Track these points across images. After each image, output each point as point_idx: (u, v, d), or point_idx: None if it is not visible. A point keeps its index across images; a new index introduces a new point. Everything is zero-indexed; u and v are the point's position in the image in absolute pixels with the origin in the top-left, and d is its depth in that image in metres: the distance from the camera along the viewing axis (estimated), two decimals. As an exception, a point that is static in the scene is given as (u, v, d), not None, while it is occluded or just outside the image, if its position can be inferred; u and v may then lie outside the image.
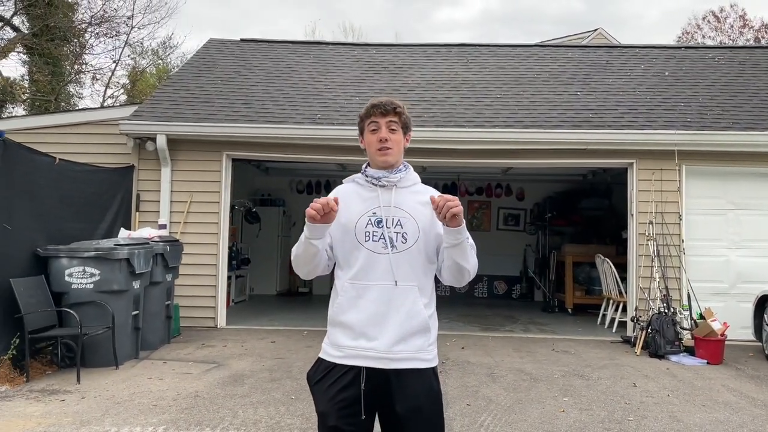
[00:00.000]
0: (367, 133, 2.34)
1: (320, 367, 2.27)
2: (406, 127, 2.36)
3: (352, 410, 2.17)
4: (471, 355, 6.95)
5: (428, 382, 2.23)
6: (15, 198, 5.93)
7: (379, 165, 2.31)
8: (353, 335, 2.21)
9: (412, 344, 2.20)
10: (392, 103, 2.32)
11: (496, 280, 13.61)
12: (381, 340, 2.18)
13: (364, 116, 2.35)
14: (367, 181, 2.33)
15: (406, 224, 2.24)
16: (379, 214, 2.26)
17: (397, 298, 2.19)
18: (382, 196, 2.29)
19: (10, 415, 4.64)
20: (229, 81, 9.59)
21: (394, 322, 2.19)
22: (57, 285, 6.18)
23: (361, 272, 2.21)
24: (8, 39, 19.16)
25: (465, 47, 11.40)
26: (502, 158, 8.39)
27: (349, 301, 2.23)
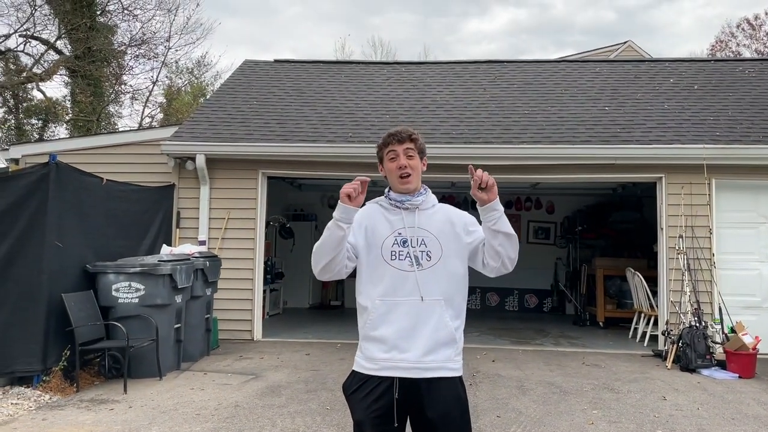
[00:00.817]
0: (387, 161, 2.52)
1: (355, 378, 2.45)
2: (422, 152, 2.56)
3: (386, 418, 2.36)
4: (501, 368, 7.07)
5: (456, 390, 2.42)
6: (66, 217, 6.28)
7: (401, 191, 2.50)
8: (386, 348, 2.38)
9: (440, 354, 2.38)
10: (408, 131, 2.53)
11: (527, 293, 13.65)
12: (412, 352, 2.35)
13: (382, 145, 2.54)
14: (391, 204, 2.52)
15: (429, 243, 2.44)
16: (404, 234, 2.45)
17: (425, 312, 2.38)
18: (407, 218, 2.48)
19: (63, 423, 4.93)
20: (263, 101, 9.93)
21: (423, 334, 2.36)
22: (105, 299, 6.51)
23: (390, 289, 2.39)
24: (52, 61, 19.97)
25: (492, 64, 11.58)
26: (530, 173, 8.52)
27: (380, 317, 2.40)
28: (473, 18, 49.89)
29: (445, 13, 48.78)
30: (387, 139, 2.53)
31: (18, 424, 4.90)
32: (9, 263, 5.93)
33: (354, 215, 2.36)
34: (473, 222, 2.54)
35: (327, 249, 2.37)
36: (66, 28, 18.84)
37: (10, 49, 18.76)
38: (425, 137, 8.55)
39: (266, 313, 10.66)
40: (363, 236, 2.48)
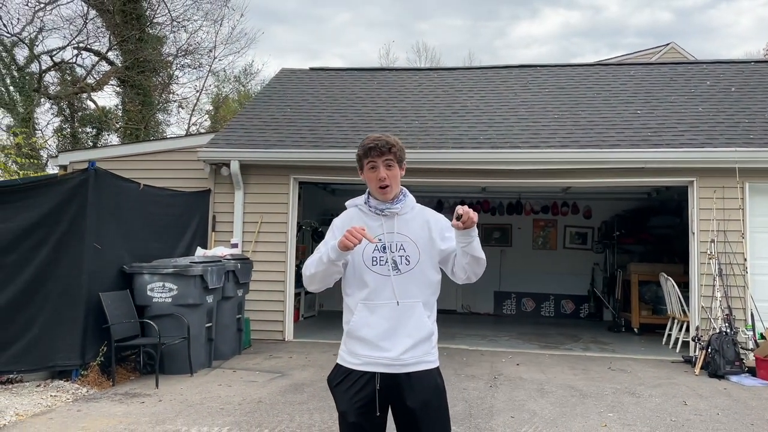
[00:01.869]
0: (367, 171, 2.63)
1: (339, 371, 2.60)
2: (401, 160, 2.65)
3: (368, 408, 2.51)
4: (524, 372, 7.10)
5: (433, 380, 2.57)
6: (105, 220, 6.64)
7: (380, 199, 2.63)
8: (370, 347, 2.53)
9: (419, 350, 2.54)
10: (387, 143, 2.61)
11: (563, 299, 13.54)
12: (393, 351, 2.51)
13: (362, 156, 2.63)
14: (371, 210, 2.64)
15: (408, 248, 2.57)
16: (384, 240, 2.57)
17: (405, 313, 2.53)
18: (386, 224, 2.60)
19: (97, 415, 5.24)
20: (297, 108, 10.21)
21: (403, 334, 2.52)
22: (140, 299, 6.85)
23: (372, 293, 2.54)
24: (104, 72, 20.84)
25: (525, 68, 11.59)
26: (558, 178, 8.51)
27: (363, 319, 2.55)
28: (523, 21, 49.49)
29: (495, 17, 48.54)
30: (367, 152, 2.60)
31: (54, 414, 5.23)
32: (52, 264, 6.31)
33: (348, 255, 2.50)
34: (449, 227, 2.61)
35: (322, 278, 2.56)
36: (117, 40, 19.64)
37: (64, 60, 19.66)
38: (453, 142, 8.73)
39: (300, 315, 10.92)
40: None
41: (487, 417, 5.23)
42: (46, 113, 20.94)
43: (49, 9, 18.86)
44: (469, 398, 5.84)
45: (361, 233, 2.38)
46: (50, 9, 18.95)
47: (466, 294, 13.59)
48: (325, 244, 2.61)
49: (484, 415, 5.27)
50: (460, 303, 13.65)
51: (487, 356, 8.05)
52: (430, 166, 8.42)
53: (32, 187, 6.42)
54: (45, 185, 6.46)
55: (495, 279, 13.59)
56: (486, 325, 11.33)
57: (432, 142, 8.73)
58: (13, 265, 6.27)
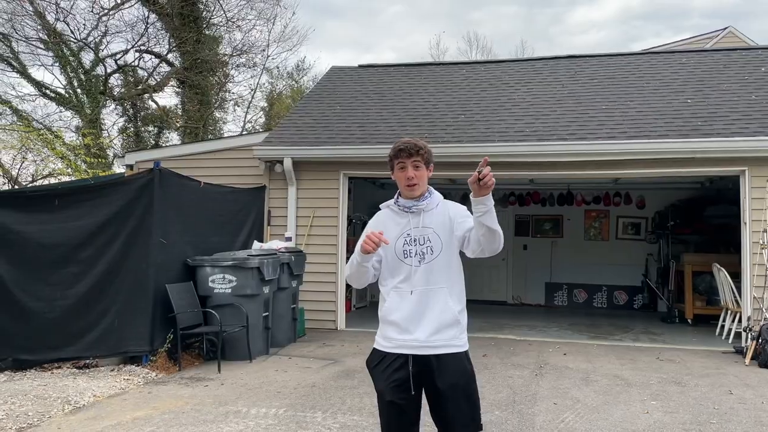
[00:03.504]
0: (397, 171, 2.90)
1: (375, 355, 2.88)
2: (428, 162, 2.91)
3: (403, 387, 2.76)
4: (571, 361, 7.23)
5: (462, 364, 2.80)
6: (169, 217, 7.11)
7: (408, 196, 2.90)
8: (399, 330, 2.79)
9: (446, 334, 2.78)
10: (416, 146, 2.87)
11: (616, 290, 13.44)
12: (420, 333, 2.75)
13: (393, 157, 2.90)
14: (400, 209, 2.92)
15: (432, 239, 2.84)
16: (412, 234, 2.86)
17: (432, 299, 2.78)
18: (413, 220, 2.88)
19: (165, 396, 5.69)
20: (347, 106, 10.52)
21: (430, 318, 2.77)
22: (202, 289, 7.31)
23: (403, 282, 2.82)
24: (164, 73, 21.73)
25: (574, 59, 11.56)
26: (605, 169, 8.54)
27: (394, 305, 2.82)
28: (581, 6, 48.26)
29: (551, 2, 47.55)
30: (397, 153, 2.88)
31: (127, 395, 5.71)
32: (122, 258, 6.83)
33: (374, 256, 2.78)
34: (464, 213, 2.86)
35: (357, 277, 2.87)
36: (175, 42, 20.44)
37: (126, 63, 20.58)
38: (499, 135, 8.83)
39: (352, 305, 11.28)
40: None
41: (530, 403, 5.42)
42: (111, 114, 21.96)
43: (113, 14, 19.77)
44: (514, 385, 6.03)
45: (378, 237, 2.65)
46: (113, 14, 19.87)
47: (516, 285, 13.69)
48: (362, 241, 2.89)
49: (527, 402, 5.46)
50: (510, 294, 13.75)
51: (535, 346, 8.19)
52: (477, 159, 8.50)
53: (103, 187, 6.96)
54: (115, 185, 6.99)
55: (546, 270, 13.63)
56: (536, 316, 11.42)
57: (478, 136, 8.89)
58: (88, 259, 6.83)
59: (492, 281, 13.76)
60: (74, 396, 5.58)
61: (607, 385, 6.10)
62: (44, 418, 5.01)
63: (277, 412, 5.15)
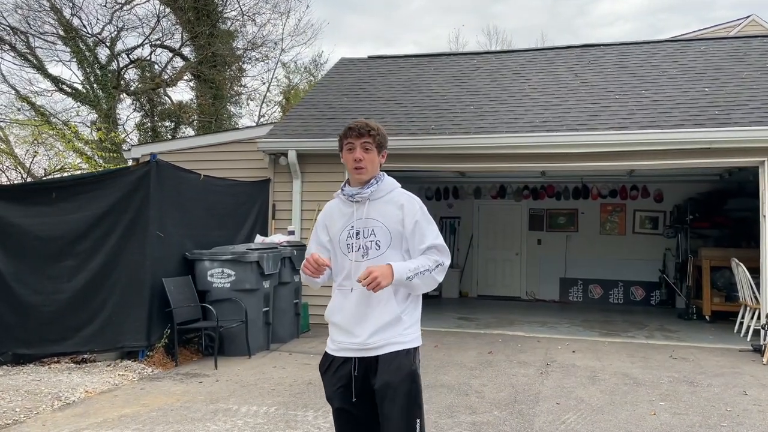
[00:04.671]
0: (345, 152, 2.66)
1: (325, 359, 2.71)
2: (381, 146, 2.66)
3: (347, 393, 2.60)
4: (579, 359, 6.98)
5: (399, 360, 2.55)
6: (167, 209, 6.99)
7: (355, 181, 2.67)
8: (342, 332, 2.63)
9: (386, 333, 2.56)
10: (367, 126, 2.63)
11: (632, 285, 13.10)
12: (360, 336, 2.57)
13: (342, 136, 2.67)
14: (345, 198, 2.69)
15: (378, 232, 2.59)
16: (356, 227, 2.62)
17: (374, 299, 2.55)
18: (357, 210, 2.64)
19: (157, 393, 5.56)
20: (354, 97, 10.33)
21: (371, 318, 2.56)
22: (201, 284, 7.19)
23: (346, 279, 2.62)
24: (178, 68, 21.73)
25: (587, 48, 11.24)
26: (618, 161, 8.24)
27: (336, 305, 2.67)
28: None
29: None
30: (346, 132, 2.65)
31: (119, 392, 5.60)
32: (119, 251, 6.72)
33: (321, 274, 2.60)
34: (419, 230, 2.60)
35: (313, 285, 2.74)
36: (189, 35, 20.41)
37: (140, 58, 20.61)
38: (508, 126, 8.59)
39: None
40: (326, 234, 2.72)
41: (531, 403, 5.20)
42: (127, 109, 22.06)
43: (127, 9, 19.79)
44: (517, 384, 5.81)
45: (317, 262, 2.49)
46: (128, 9, 19.89)
47: (530, 280, 13.41)
48: (312, 241, 2.77)
49: (528, 401, 5.25)
50: (524, 290, 13.47)
51: (543, 343, 7.95)
52: (484, 151, 8.36)
53: (99, 180, 6.86)
54: (111, 177, 6.88)
55: (560, 265, 13.33)
56: (549, 312, 11.16)
57: (486, 127, 8.64)
58: (85, 252, 6.74)
59: (505, 276, 13.51)
60: (66, 392, 5.49)
61: (615, 384, 5.85)
62: (31, 414, 4.91)
63: (269, 410, 5.00)
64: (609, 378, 6.08)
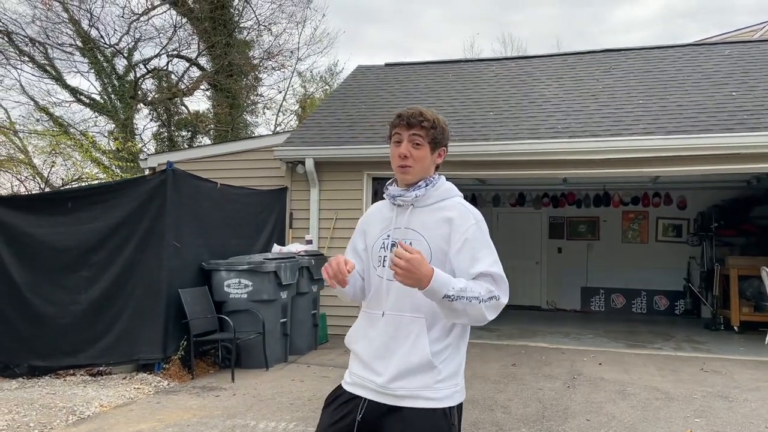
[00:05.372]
0: (392, 145, 2.18)
1: (335, 391, 2.23)
2: (437, 142, 2.16)
3: None
4: (606, 372, 6.75)
5: (430, 424, 2.02)
6: (183, 219, 6.87)
7: (400, 181, 2.19)
8: (361, 364, 2.14)
9: (413, 381, 2.04)
10: (421, 114, 2.12)
11: (656, 295, 12.82)
12: (383, 375, 2.06)
13: (391, 125, 2.20)
14: (388, 199, 2.22)
15: (417, 247, 2.03)
16: (392, 237, 2.13)
17: (402, 330, 2.05)
18: (398, 217, 2.16)
19: (173, 407, 5.43)
20: (371, 105, 10.21)
21: (397, 356, 2.05)
22: (218, 294, 7.06)
23: (373, 300, 2.14)
24: (195, 77, 21.78)
25: (609, 53, 11.04)
26: (643, 167, 8.02)
27: (359, 330, 2.18)
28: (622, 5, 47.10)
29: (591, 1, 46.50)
30: (395, 120, 2.16)
31: (135, 406, 5.47)
32: (135, 261, 6.61)
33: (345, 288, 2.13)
34: (467, 243, 2.08)
35: (343, 297, 2.25)
36: (205, 45, 20.46)
37: (156, 68, 20.69)
38: (529, 132, 8.41)
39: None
40: (363, 241, 2.28)
41: (560, 419, 5.00)
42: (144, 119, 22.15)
43: (144, 20, 19.88)
44: (544, 399, 5.61)
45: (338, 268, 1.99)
46: (145, 20, 19.98)
47: (551, 290, 13.17)
48: (348, 247, 2.32)
49: (557, 417, 5.04)
50: (544, 299, 13.23)
51: (568, 355, 7.73)
52: (505, 158, 8.18)
53: (115, 189, 6.77)
54: (127, 187, 6.79)
55: (582, 274, 13.08)
56: (571, 323, 10.92)
57: (507, 133, 8.46)
58: (100, 263, 6.64)
59: (525, 285, 13.27)
60: (80, 406, 5.37)
61: (646, 399, 5.62)
62: (45, 429, 4.79)
63: (287, 426, 4.84)
64: (639, 392, 5.85)
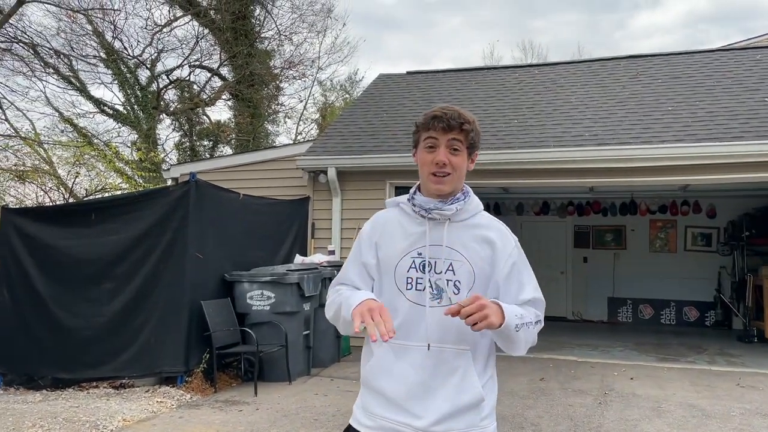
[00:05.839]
0: (422, 150, 1.91)
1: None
2: (473, 147, 1.94)
3: None
4: (639, 387, 6.54)
5: None
6: (206, 230, 6.82)
7: (431, 192, 1.92)
8: (390, 406, 1.86)
9: (461, 421, 1.83)
10: (461, 116, 1.89)
11: (685, 305, 12.51)
12: (424, 418, 1.82)
13: (421, 127, 1.92)
14: (415, 211, 1.93)
15: (459, 269, 1.86)
16: (425, 255, 1.88)
17: (445, 365, 1.82)
18: (432, 232, 1.89)
19: (195, 422, 5.34)
20: (393, 113, 10.12)
21: (440, 396, 1.82)
22: (240, 306, 6.98)
23: (401, 329, 1.83)
24: (216, 87, 21.92)
25: (635, 59, 10.83)
26: (673, 175, 7.81)
27: (384, 365, 1.87)
28: (644, 11, 46.70)
29: (613, 8, 46.13)
30: (429, 122, 1.88)
31: (157, 420, 5.40)
32: (157, 273, 6.57)
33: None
34: (515, 267, 1.92)
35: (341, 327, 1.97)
36: (227, 55, 20.59)
37: (179, 78, 20.86)
38: (554, 141, 8.27)
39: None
40: (374, 255, 1.97)
41: (593, 438, 4.82)
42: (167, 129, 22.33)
43: (167, 31, 20.06)
44: (576, 416, 5.43)
45: (385, 327, 1.68)
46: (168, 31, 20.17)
47: (576, 300, 12.92)
48: (351, 263, 2.03)
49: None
50: (570, 310, 12.98)
51: (598, 369, 7.52)
52: (530, 166, 8.02)
53: (138, 201, 6.75)
54: (149, 198, 6.76)
55: (608, 284, 12.81)
56: (598, 334, 10.68)
57: (532, 141, 8.31)
58: (123, 274, 6.61)
59: (550, 295, 12.69)
60: (103, 420, 5.31)
61: (682, 416, 5.42)
62: (67, 445, 4.74)
63: (312, 442, 4.72)
64: (674, 409, 5.65)
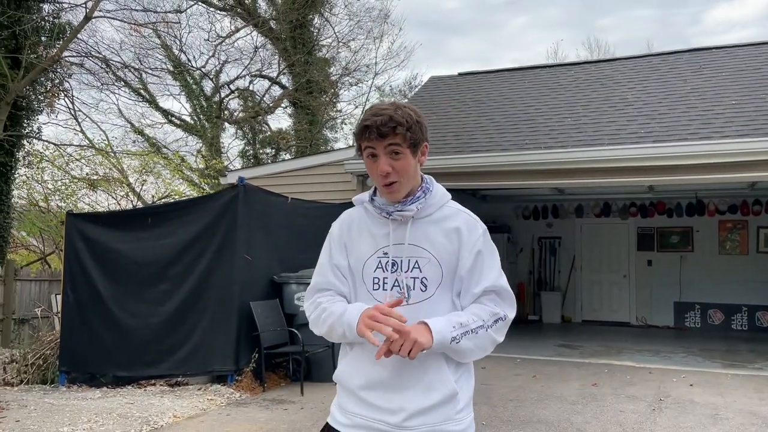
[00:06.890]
0: (366, 159, 1.84)
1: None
2: (416, 144, 1.81)
3: None
4: (698, 394, 6.24)
5: None
6: (254, 232, 6.97)
7: (387, 199, 1.89)
8: (363, 403, 1.86)
9: (435, 416, 1.82)
10: (391, 119, 1.76)
11: (759, 310, 11.84)
12: (399, 413, 1.81)
13: (358, 135, 1.83)
14: (377, 211, 1.89)
15: (425, 266, 1.83)
16: (391, 255, 1.85)
17: (417, 362, 1.78)
18: (395, 232, 1.86)
19: (242, 420, 5.46)
20: (442, 115, 10.06)
21: (414, 392, 1.82)
22: (288, 307, 7.10)
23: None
24: (276, 96, 22.42)
25: (698, 52, 10.38)
26: (736, 172, 7.41)
27: (357, 363, 1.88)
28: (721, 5, 44.72)
29: (687, 3, 44.40)
30: (363, 132, 1.80)
31: (206, 417, 5.55)
32: (209, 274, 6.76)
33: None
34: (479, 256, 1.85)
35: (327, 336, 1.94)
36: (286, 64, 21.04)
37: (239, 88, 21.46)
38: (609, 138, 8.01)
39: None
40: (345, 257, 1.96)
41: (642, 444, 4.63)
42: (231, 137, 23.03)
43: (229, 42, 20.69)
44: (625, 422, 5.23)
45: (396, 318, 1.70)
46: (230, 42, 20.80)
47: (640, 305, 12.46)
48: (325, 266, 2.00)
49: (638, 442, 4.67)
50: (634, 315, 12.52)
51: (656, 375, 7.22)
52: (584, 165, 7.79)
53: (190, 205, 6.98)
54: (201, 202, 6.98)
55: (675, 288, 12.28)
56: (662, 340, 10.25)
57: (586, 140, 8.08)
58: (177, 276, 6.84)
59: (612, 300, 12.63)
60: (155, 416, 5.49)
61: (740, 424, 5.13)
62: (118, 439, 4.93)
63: (350, 442, 4.73)
64: (733, 417, 5.35)
